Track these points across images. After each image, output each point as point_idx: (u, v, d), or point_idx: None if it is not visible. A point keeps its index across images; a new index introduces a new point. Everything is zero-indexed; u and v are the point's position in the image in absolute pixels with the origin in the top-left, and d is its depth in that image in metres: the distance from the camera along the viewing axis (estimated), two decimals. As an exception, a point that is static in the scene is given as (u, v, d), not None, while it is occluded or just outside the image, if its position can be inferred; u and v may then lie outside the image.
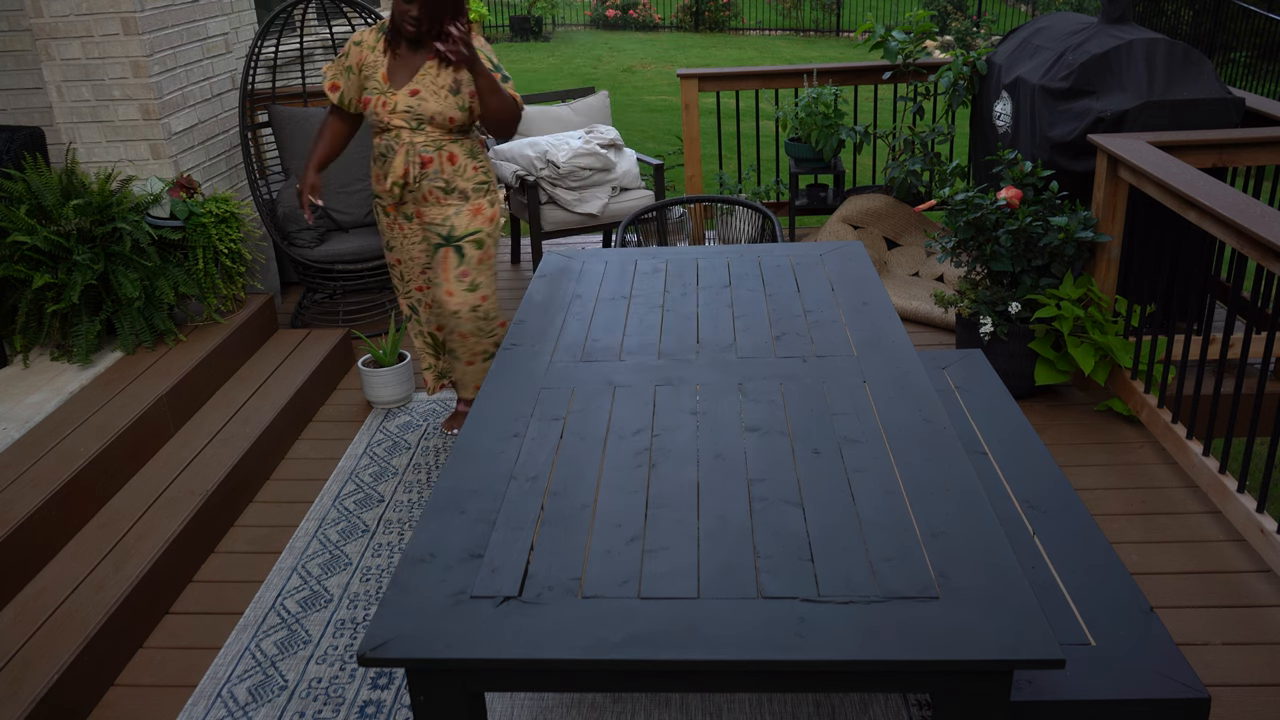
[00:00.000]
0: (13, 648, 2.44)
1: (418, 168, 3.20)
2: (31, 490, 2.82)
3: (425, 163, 3.19)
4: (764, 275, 2.88)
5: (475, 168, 3.27)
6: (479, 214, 3.28)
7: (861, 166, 8.05)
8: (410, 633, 1.49)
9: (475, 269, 3.30)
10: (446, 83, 3.14)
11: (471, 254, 3.28)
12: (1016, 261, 3.70)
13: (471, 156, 3.26)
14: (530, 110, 5.32)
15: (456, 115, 3.15)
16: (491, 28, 17.68)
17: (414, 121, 3.15)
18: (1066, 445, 3.50)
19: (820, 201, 5.42)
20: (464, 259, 3.28)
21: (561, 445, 1.99)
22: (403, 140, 3.18)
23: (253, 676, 2.55)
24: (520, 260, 5.61)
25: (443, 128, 3.17)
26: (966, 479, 1.81)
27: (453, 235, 3.26)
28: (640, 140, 9.68)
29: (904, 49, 5.10)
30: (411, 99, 3.14)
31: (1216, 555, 2.88)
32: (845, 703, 2.37)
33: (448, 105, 3.14)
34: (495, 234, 3.35)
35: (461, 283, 3.29)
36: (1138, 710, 1.71)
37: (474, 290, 3.31)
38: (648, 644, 1.45)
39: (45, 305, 3.47)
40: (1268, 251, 2.69)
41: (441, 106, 3.13)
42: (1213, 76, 3.85)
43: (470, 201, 3.27)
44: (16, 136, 3.79)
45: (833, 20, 17.93)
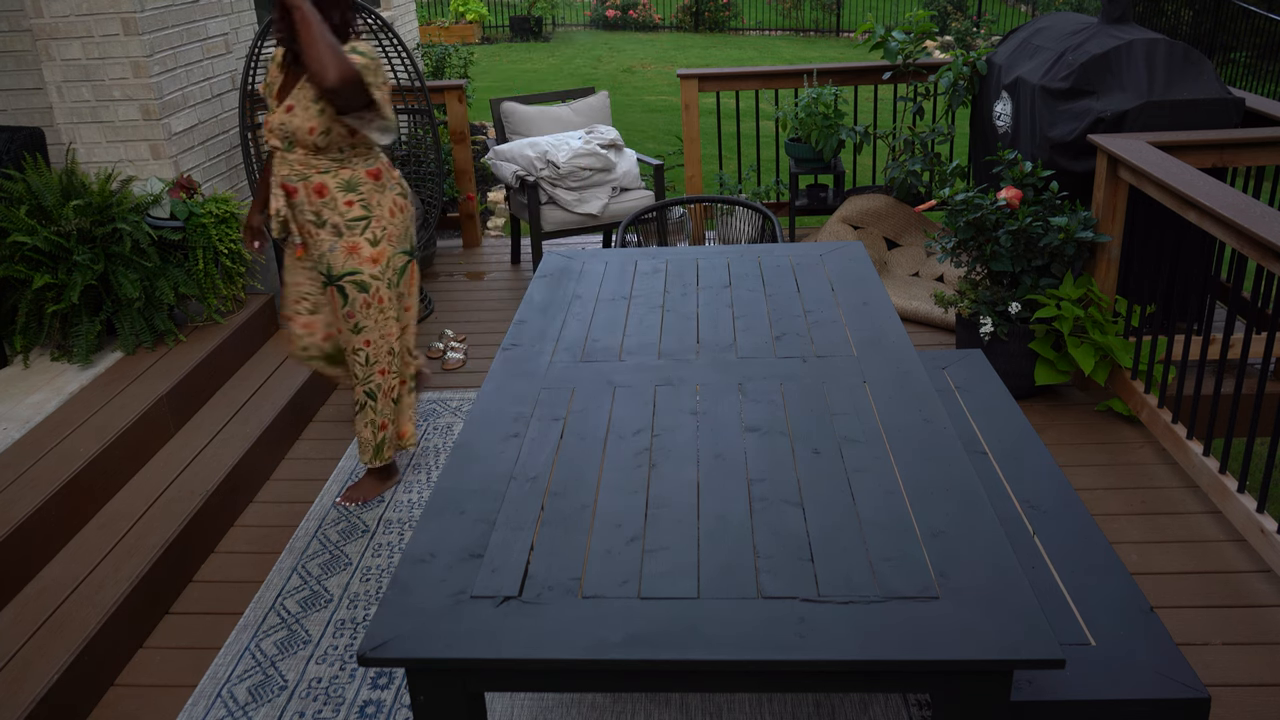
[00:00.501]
0: (13, 648, 2.44)
1: (283, 199, 2.96)
2: (31, 490, 2.82)
3: (290, 193, 2.94)
4: (764, 275, 2.88)
5: (350, 201, 2.94)
6: (355, 253, 2.96)
7: (861, 166, 8.05)
8: (410, 633, 1.49)
9: (360, 312, 3.03)
10: (314, 93, 2.85)
11: (354, 296, 3.00)
12: (1016, 261, 3.70)
13: (348, 189, 2.93)
14: (530, 110, 5.32)
15: (316, 124, 2.83)
16: (491, 28, 17.69)
17: (285, 141, 2.89)
18: (1066, 445, 3.50)
19: (820, 201, 5.42)
20: (347, 300, 3.01)
21: (561, 445, 1.99)
22: (276, 167, 2.94)
23: (253, 676, 2.55)
24: (520, 260, 5.61)
25: (309, 148, 2.88)
26: (966, 479, 1.81)
27: (331, 273, 3.00)
28: (640, 140, 9.68)
29: (904, 49, 5.10)
30: (286, 115, 2.86)
31: (1216, 555, 2.87)
32: (845, 703, 2.36)
33: (309, 114, 2.84)
34: (386, 275, 3.03)
35: (347, 323, 3.06)
36: (1138, 710, 1.71)
37: (357, 332, 3.06)
38: (648, 644, 1.45)
39: (45, 305, 3.47)
40: (1268, 251, 2.69)
41: (304, 118, 2.84)
42: (1213, 76, 3.85)
43: (344, 238, 2.96)
44: (16, 136, 3.79)
45: (833, 20, 17.93)
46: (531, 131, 5.24)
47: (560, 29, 18.53)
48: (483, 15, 17.10)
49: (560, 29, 18.53)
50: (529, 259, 5.62)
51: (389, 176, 3.04)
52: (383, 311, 3.07)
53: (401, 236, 3.06)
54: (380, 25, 4.85)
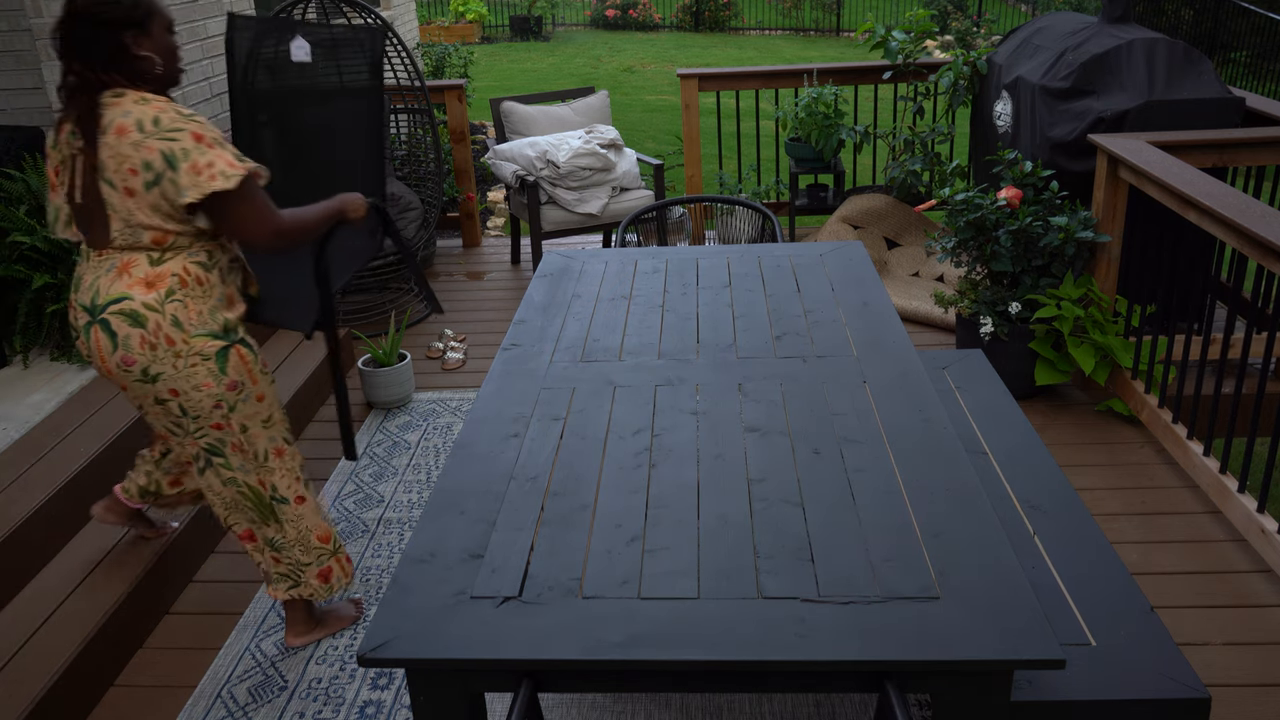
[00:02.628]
0: (12, 648, 2.44)
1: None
2: (31, 490, 2.81)
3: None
4: (764, 275, 2.88)
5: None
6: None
7: (861, 166, 8.04)
8: (410, 633, 1.49)
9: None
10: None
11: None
12: (1017, 261, 3.70)
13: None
14: (530, 110, 5.32)
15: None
16: (491, 27, 17.69)
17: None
18: (1066, 445, 3.50)
19: (820, 201, 5.42)
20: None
21: (561, 445, 1.99)
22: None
23: (253, 676, 2.55)
24: (520, 260, 5.61)
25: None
26: (966, 479, 1.81)
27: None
28: (640, 140, 9.68)
29: (904, 49, 5.10)
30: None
31: (1217, 555, 2.87)
32: (845, 703, 2.36)
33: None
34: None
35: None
36: (1138, 710, 1.71)
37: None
38: (648, 644, 1.45)
39: (45, 305, 3.47)
40: (1268, 251, 2.69)
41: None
42: (1213, 76, 3.85)
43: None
44: (16, 136, 3.79)
45: (833, 20, 17.93)
46: (531, 131, 5.24)
47: (560, 29, 18.53)
48: (483, 15, 17.09)
49: (560, 29, 18.53)
50: (529, 259, 5.61)
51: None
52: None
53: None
54: (380, 25, 4.85)
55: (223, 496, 2.41)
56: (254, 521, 2.46)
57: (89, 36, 2.00)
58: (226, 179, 2.02)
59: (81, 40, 2.00)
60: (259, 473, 2.39)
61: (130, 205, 2.06)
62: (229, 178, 2.02)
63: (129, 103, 2.03)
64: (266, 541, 2.48)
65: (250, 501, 2.41)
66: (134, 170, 2.02)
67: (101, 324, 2.16)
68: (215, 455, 2.34)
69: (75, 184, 2.09)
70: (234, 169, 2.04)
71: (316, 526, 2.51)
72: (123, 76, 2.05)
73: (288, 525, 2.47)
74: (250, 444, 2.35)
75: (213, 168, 2.02)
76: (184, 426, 2.28)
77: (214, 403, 2.24)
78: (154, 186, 2.03)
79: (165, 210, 2.08)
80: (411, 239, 4.69)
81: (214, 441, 2.31)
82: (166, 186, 2.03)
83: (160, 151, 2.00)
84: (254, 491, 2.40)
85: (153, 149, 2.00)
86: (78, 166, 2.07)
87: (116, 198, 2.06)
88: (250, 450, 2.36)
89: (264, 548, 2.50)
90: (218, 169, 2.02)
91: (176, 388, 2.20)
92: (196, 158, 2.01)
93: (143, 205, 2.06)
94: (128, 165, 2.02)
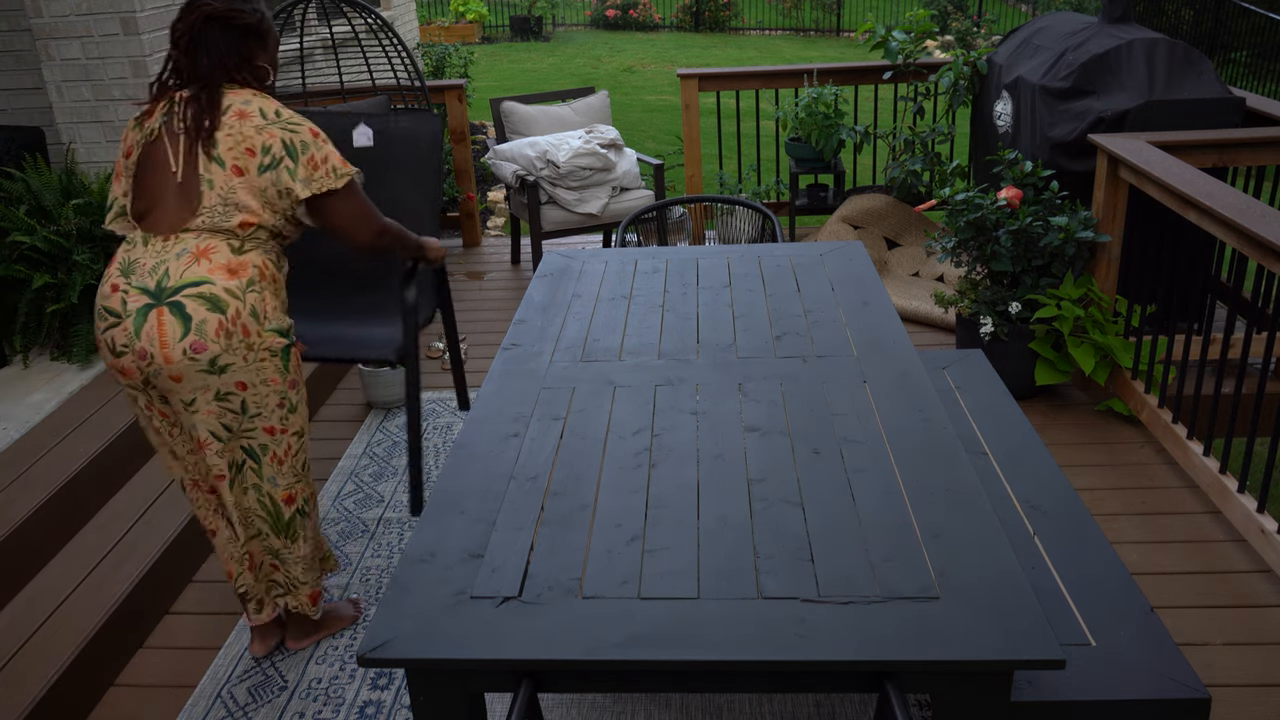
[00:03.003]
0: (13, 647, 2.44)
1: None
2: (31, 490, 2.82)
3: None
4: (764, 275, 2.88)
5: None
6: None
7: (861, 166, 8.04)
8: (410, 633, 1.49)
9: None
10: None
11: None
12: (1017, 261, 3.70)
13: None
14: (530, 110, 5.32)
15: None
16: (491, 27, 17.69)
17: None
18: (1066, 445, 3.50)
19: (820, 201, 5.42)
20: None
21: (561, 445, 1.99)
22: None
23: (253, 676, 2.55)
24: (520, 260, 5.61)
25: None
26: (966, 479, 1.81)
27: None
28: (640, 140, 9.68)
29: (904, 49, 5.10)
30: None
31: (1217, 555, 2.87)
32: (845, 703, 2.36)
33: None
34: None
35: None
36: (1138, 710, 1.71)
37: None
38: (648, 644, 1.45)
39: (45, 305, 3.47)
40: (1268, 251, 2.69)
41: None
42: (1213, 76, 3.85)
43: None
44: (16, 136, 3.79)
45: (833, 20, 17.93)
46: (531, 131, 5.24)
47: (560, 29, 18.53)
48: (483, 15, 17.09)
49: (560, 29, 18.53)
50: (529, 259, 5.61)
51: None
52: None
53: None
54: (380, 25, 4.85)
55: (239, 506, 2.34)
56: (259, 534, 2.40)
57: (220, 38, 2.16)
58: (338, 177, 2.18)
59: (213, 40, 2.16)
60: (298, 484, 2.36)
61: (235, 183, 2.12)
62: (340, 176, 2.18)
63: (248, 94, 2.17)
64: (269, 552, 2.43)
65: (267, 514, 2.36)
66: (251, 151, 2.11)
67: (172, 306, 2.08)
68: (252, 459, 2.27)
69: (173, 160, 2.15)
70: (345, 167, 2.20)
71: (320, 546, 2.54)
72: (247, 76, 2.21)
73: (303, 544, 2.44)
74: (302, 451, 2.34)
75: (327, 163, 2.17)
76: (235, 427, 2.21)
77: (279, 400, 2.23)
78: (268, 170, 2.12)
79: (269, 196, 2.15)
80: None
81: (258, 445, 2.26)
82: (282, 173, 2.13)
83: (282, 140, 2.13)
84: (274, 504, 2.35)
85: (275, 135, 2.12)
86: (180, 145, 2.14)
87: (221, 175, 2.11)
88: (299, 459, 2.34)
89: (262, 563, 2.45)
90: (331, 164, 2.17)
91: (245, 381, 2.16)
92: (314, 151, 2.15)
93: (249, 186, 2.13)
94: (245, 145, 2.11)
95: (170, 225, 2.15)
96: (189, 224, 2.13)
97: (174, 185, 2.16)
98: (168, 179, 2.16)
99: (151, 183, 2.18)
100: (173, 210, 2.15)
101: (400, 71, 5.43)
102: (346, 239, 2.26)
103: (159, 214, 2.17)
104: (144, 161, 2.19)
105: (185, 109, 2.15)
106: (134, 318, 2.10)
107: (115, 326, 2.13)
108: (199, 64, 2.16)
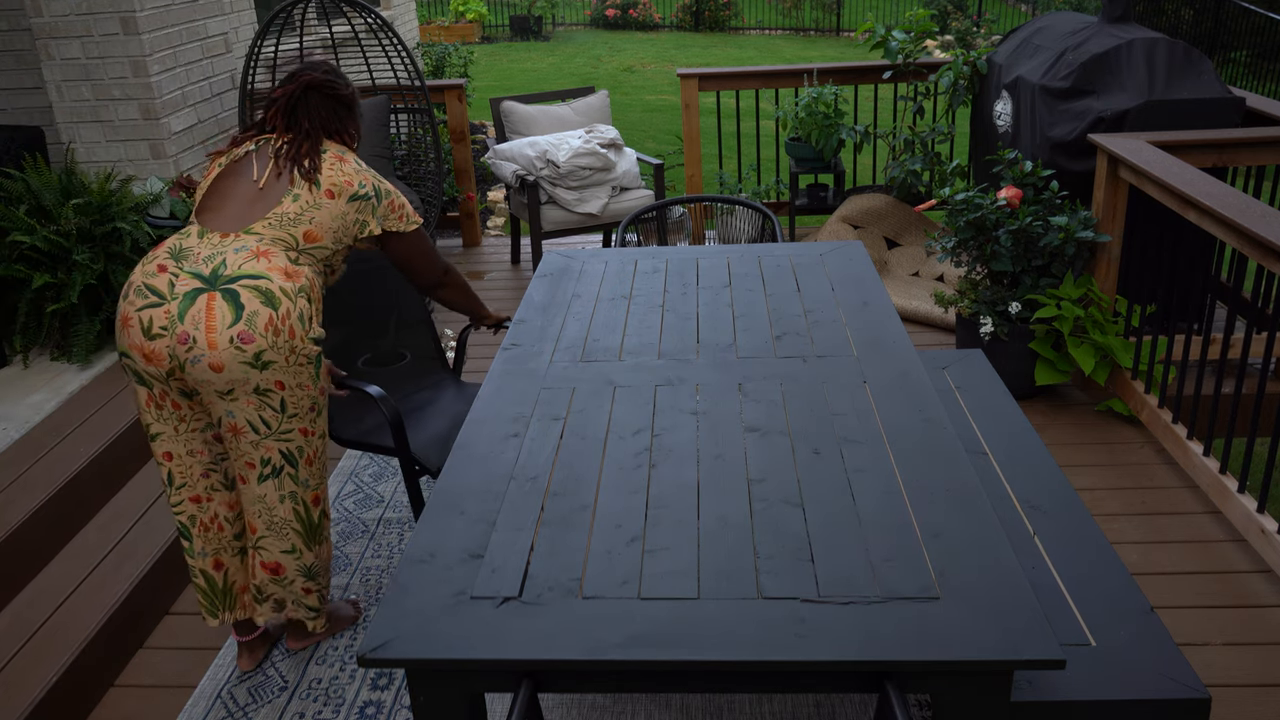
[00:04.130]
0: (13, 648, 2.44)
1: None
2: (31, 490, 2.82)
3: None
4: (764, 275, 2.88)
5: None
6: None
7: (861, 166, 8.04)
8: (410, 633, 1.49)
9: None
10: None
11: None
12: (1017, 261, 3.70)
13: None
14: (530, 109, 5.32)
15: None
16: (491, 27, 17.69)
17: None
18: (1066, 445, 3.50)
19: (820, 201, 5.42)
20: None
21: (561, 445, 1.99)
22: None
23: (253, 676, 2.55)
24: (520, 260, 5.61)
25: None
26: (966, 479, 1.81)
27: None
28: (640, 140, 9.68)
29: (904, 49, 5.10)
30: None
31: (1217, 555, 2.87)
32: (845, 703, 2.36)
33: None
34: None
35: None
36: (1138, 710, 1.71)
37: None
38: (648, 644, 1.45)
39: (45, 305, 3.47)
40: (1268, 251, 2.69)
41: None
42: (1213, 76, 3.85)
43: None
44: (16, 136, 3.79)
45: (833, 20, 17.93)
46: (531, 131, 5.24)
47: (560, 28, 18.53)
48: (483, 14, 17.09)
49: (560, 28, 18.53)
50: (529, 258, 5.61)
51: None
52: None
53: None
54: (380, 25, 4.85)
55: (273, 513, 2.31)
56: (293, 550, 2.36)
57: (321, 104, 2.38)
58: (409, 223, 2.43)
59: (314, 105, 2.36)
60: (323, 485, 2.38)
61: (324, 203, 2.25)
62: (411, 222, 2.43)
63: (342, 148, 2.39)
64: (302, 571, 2.40)
65: (301, 522, 2.35)
66: (349, 182, 2.30)
67: (226, 293, 2.08)
68: (290, 464, 2.27)
69: (257, 171, 2.28)
70: (415, 217, 2.45)
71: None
72: (345, 139, 2.44)
73: (326, 545, 2.45)
74: (325, 454, 2.37)
75: (404, 209, 2.41)
76: (274, 424, 2.21)
77: (311, 404, 2.25)
78: (358, 200, 2.31)
79: (346, 222, 2.30)
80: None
81: (295, 448, 2.26)
82: (364, 209, 2.33)
83: (373, 184, 2.35)
84: (308, 510, 2.35)
85: (368, 180, 2.35)
86: (270, 163, 2.28)
87: (312, 195, 2.25)
88: (323, 461, 2.36)
89: (293, 581, 2.41)
90: (405, 211, 2.42)
91: (284, 381, 2.17)
92: (394, 199, 2.39)
93: (335, 207, 2.27)
94: (344, 178, 2.30)
95: (234, 223, 2.20)
96: (253, 225, 2.19)
97: (251, 190, 2.24)
98: (246, 185, 2.25)
99: (225, 186, 2.26)
100: (242, 210, 2.22)
101: (400, 71, 5.43)
102: (412, 274, 2.49)
103: (226, 212, 2.22)
104: (224, 173, 2.29)
105: (285, 144, 2.30)
106: (181, 301, 2.08)
107: (156, 306, 2.09)
108: (299, 124, 2.34)
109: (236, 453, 2.26)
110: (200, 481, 2.35)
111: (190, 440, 2.30)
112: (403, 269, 2.50)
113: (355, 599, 2.80)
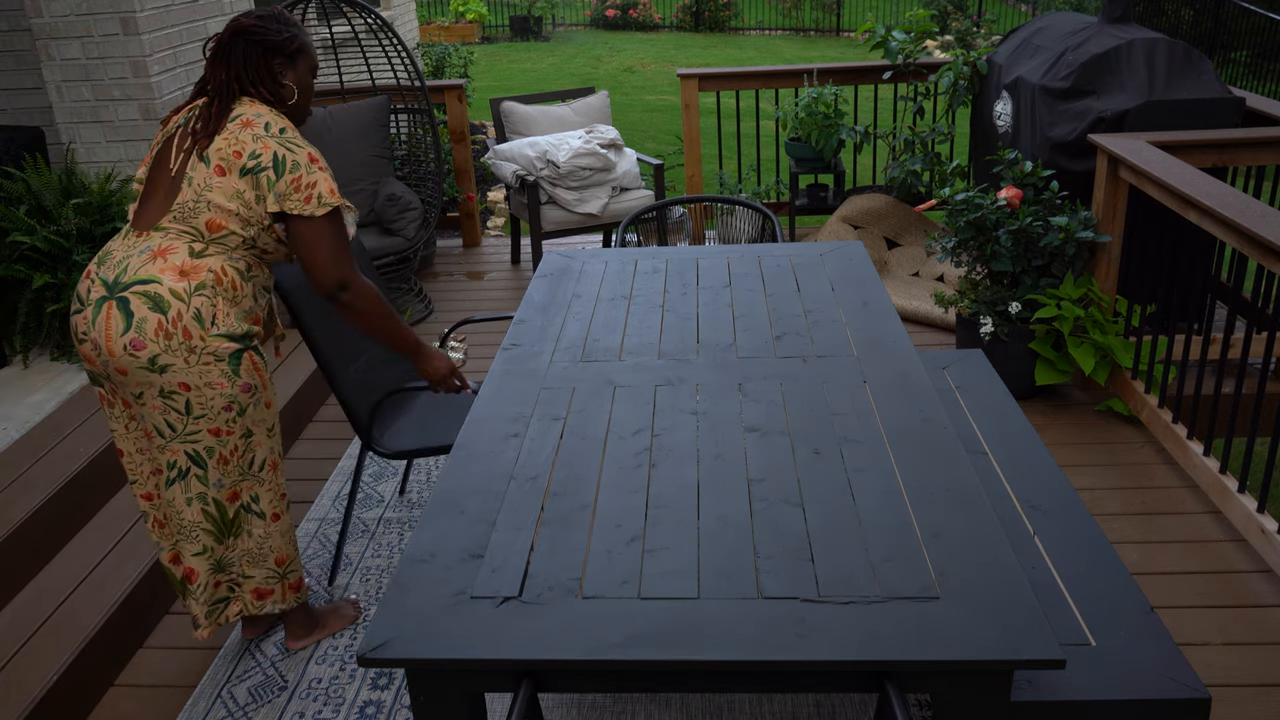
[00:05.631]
0: (13, 647, 2.44)
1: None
2: (31, 490, 2.82)
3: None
4: (764, 275, 2.88)
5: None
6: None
7: (861, 166, 8.04)
8: (410, 633, 1.49)
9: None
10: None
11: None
12: (1017, 261, 3.70)
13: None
14: (530, 110, 5.32)
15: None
16: (491, 27, 17.69)
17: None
18: (1066, 445, 3.50)
19: (820, 201, 5.42)
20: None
21: (561, 445, 1.99)
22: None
23: (253, 676, 2.55)
24: (520, 260, 5.61)
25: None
26: (966, 479, 1.81)
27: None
28: (640, 140, 9.68)
29: (904, 49, 5.10)
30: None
31: (1217, 555, 2.87)
32: (845, 703, 2.36)
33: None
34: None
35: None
36: (1138, 710, 1.71)
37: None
38: (648, 644, 1.45)
39: (45, 305, 3.47)
40: (1268, 251, 2.69)
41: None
42: (1213, 76, 3.85)
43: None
44: (16, 136, 3.79)
45: (833, 20, 17.93)
46: (531, 131, 5.24)
47: (560, 29, 18.53)
48: (483, 15, 17.09)
49: (560, 29, 18.53)
50: (529, 259, 5.61)
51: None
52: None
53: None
54: (380, 25, 4.85)
55: (181, 517, 2.28)
56: (204, 550, 2.32)
57: (244, 52, 2.18)
58: (318, 205, 2.14)
59: (237, 54, 2.17)
60: (243, 482, 2.31)
61: (214, 182, 2.11)
62: (321, 205, 2.14)
63: (263, 107, 2.18)
64: (213, 566, 2.36)
65: (212, 521, 2.30)
66: (238, 153, 2.11)
67: (119, 301, 2.10)
68: (197, 465, 2.23)
69: (173, 159, 2.17)
70: (332, 198, 2.15)
71: (278, 549, 2.43)
72: (265, 92, 2.20)
73: (247, 539, 2.38)
74: (250, 450, 2.30)
75: (314, 189, 2.13)
76: (179, 427, 2.19)
77: (225, 403, 2.20)
78: (249, 174, 2.11)
79: (242, 200, 2.13)
80: (411, 238, 4.69)
81: (203, 449, 2.22)
82: (262, 181, 2.11)
83: (274, 152, 2.11)
84: (219, 509, 2.30)
85: (269, 146, 2.11)
86: (185, 144, 2.16)
87: (203, 174, 2.11)
88: (246, 458, 2.30)
89: (205, 586, 2.36)
90: (318, 191, 2.13)
91: (189, 382, 2.15)
92: (303, 174, 2.13)
93: (226, 185, 2.12)
94: (234, 148, 2.10)
95: (148, 221, 2.18)
96: (161, 221, 2.16)
97: (166, 178, 2.18)
98: (164, 177, 2.19)
99: (153, 175, 2.22)
100: (156, 206, 2.18)
101: (400, 71, 5.43)
102: (309, 274, 2.19)
103: (147, 206, 2.20)
104: (157, 157, 2.23)
105: (199, 114, 2.18)
106: (91, 308, 2.13)
107: (79, 313, 2.16)
108: (218, 75, 2.19)
109: (151, 456, 2.28)
110: (150, 479, 2.34)
111: (139, 439, 2.31)
112: (302, 264, 2.19)
113: (355, 599, 2.80)
